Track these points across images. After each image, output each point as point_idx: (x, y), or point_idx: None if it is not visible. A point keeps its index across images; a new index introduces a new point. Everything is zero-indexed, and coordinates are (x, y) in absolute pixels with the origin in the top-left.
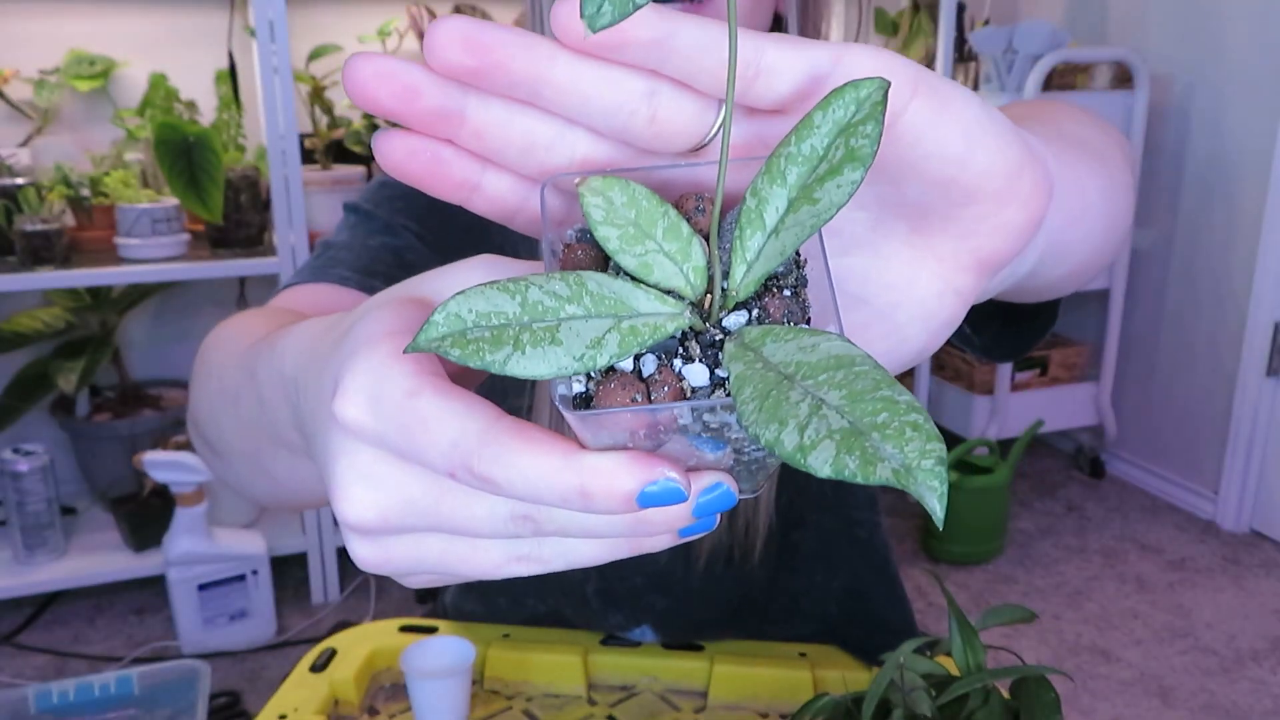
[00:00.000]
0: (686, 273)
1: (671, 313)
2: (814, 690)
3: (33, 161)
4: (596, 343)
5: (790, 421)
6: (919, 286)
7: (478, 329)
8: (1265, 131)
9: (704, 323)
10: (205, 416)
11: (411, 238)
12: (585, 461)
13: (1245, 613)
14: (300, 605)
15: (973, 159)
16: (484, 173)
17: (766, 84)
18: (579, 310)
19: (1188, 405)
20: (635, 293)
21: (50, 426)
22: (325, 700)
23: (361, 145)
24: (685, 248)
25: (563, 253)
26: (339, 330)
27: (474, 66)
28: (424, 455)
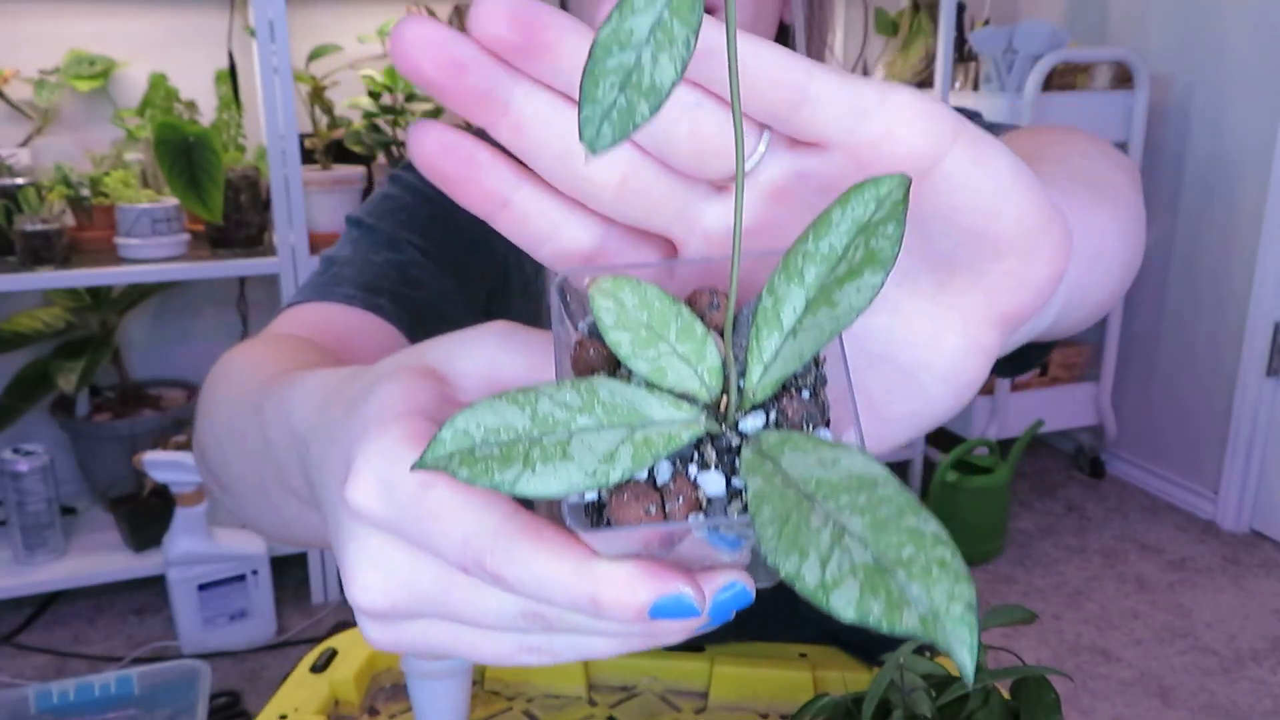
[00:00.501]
0: (701, 374)
1: (686, 419)
2: (814, 691)
3: (33, 161)
4: (609, 457)
5: (811, 552)
6: (945, 344)
7: (486, 445)
8: (1265, 131)
9: (720, 425)
10: (213, 453)
11: (415, 252)
12: (598, 571)
13: (1245, 613)
14: (300, 605)
15: (1004, 211)
16: (517, 189)
17: (810, 113)
18: (591, 421)
19: (1188, 405)
20: (649, 400)
21: (50, 426)
22: (326, 700)
23: (361, 145)
24: (699, 349)
25: (574, 350)
26: (348, 395)
27: (519, 43)
28: (436, 547)
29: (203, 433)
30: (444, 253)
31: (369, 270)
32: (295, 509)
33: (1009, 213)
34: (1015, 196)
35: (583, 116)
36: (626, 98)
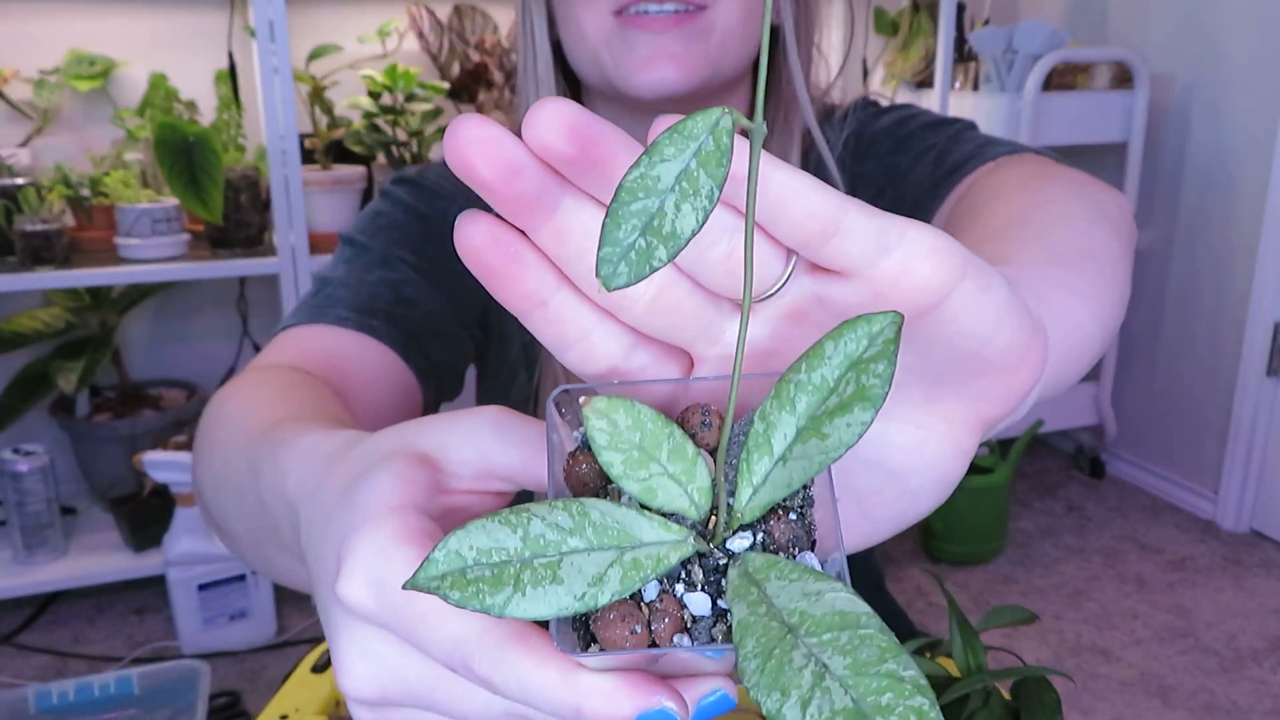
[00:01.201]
0: (691, 494)
1: (675, 540)
2: None
3: (33, 161)
4: (598, 579)
5: (793, 692)
6: (929, 449)
7: (478, 567)
8: (1265, 131)
9: (708, 544)
10: (211, 500)
11: (409, 270)
12: (582, 682)
13: (1245, 613)
14: (300, 605)
15: (998, 337)
16: (556, 292)
17: (839, 244)
18: (581, 543)
19: (1188, 405)
20: (639, 521)
21: (50, 426)
22: (326, 700)
23: (361, 145)
24: (690, 469)
25: (568, 461)
26: (341, 473)
27: (573, 156)
28: (426, 647)
29: (200, 477)
30: (437, 270)
31: (362, 290)
32: (289, 563)
33: (1002, 338)
34: (1009, 323)
35: (601, 255)
36: (646, 241)
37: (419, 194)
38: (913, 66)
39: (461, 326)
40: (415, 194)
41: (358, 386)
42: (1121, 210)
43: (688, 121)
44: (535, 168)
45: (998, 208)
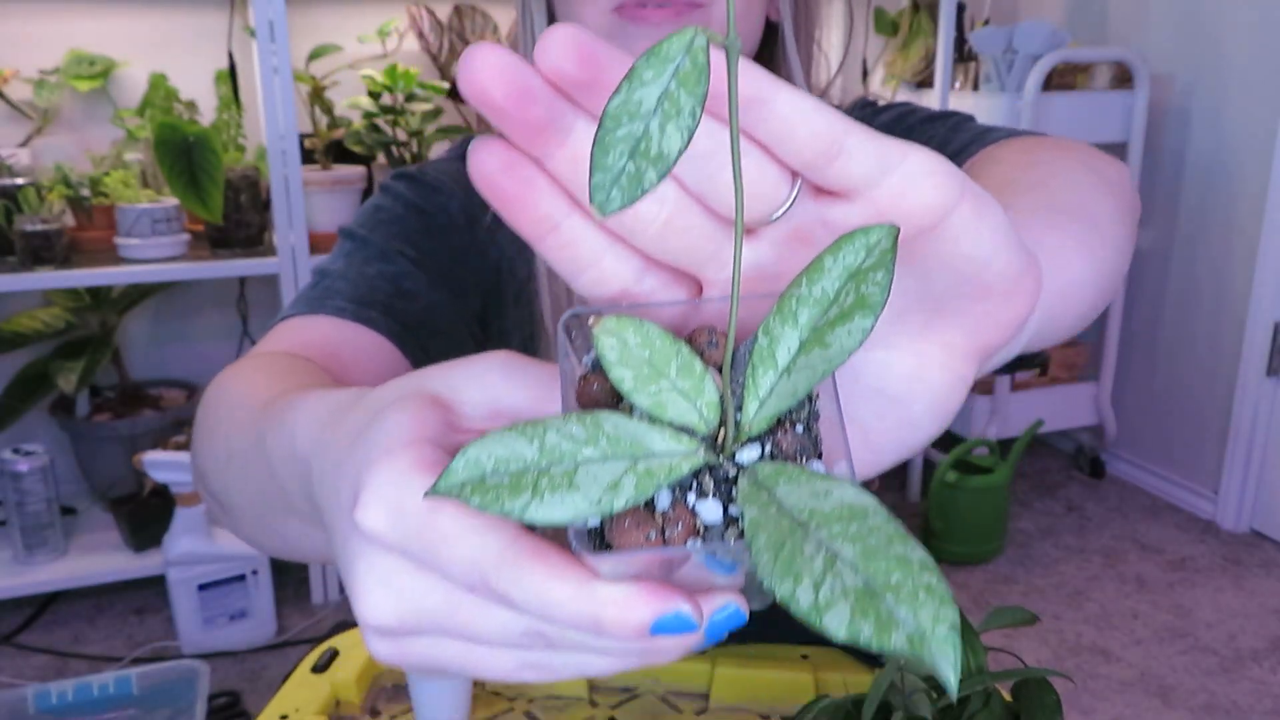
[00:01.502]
0: (700, 408)
1: (686, 452)
2: (815, 693)
3: (33, 161)
4: (613, 486)
5: (805, 578)
6: (929, 376)
7: (497, 474)
8: (1265, 131)
9: (717, 457)
10: (214, 479)
11: (407, 263)
12: (599, 592)
13: (1245, 613)
14: (300, 605)
15: (994, 261)
16: (568, 216)
17: (843, 165)
18: (595, 453)
19: (1188, 405)
20: (650, 433)
21: (50, 426)
22: (327, 701)
23: (361, 145)
24: (698, 384)
25: (579, 384)
26: (352, 421)
27: (583, 79)
28: (444, 568)
29: (203, 458)
30: (436, 263)
31: (361, 283)
32: (298, 529)
33: (999, 262)
34: (1005, 248)
35: (593, 183)
36: (635, 165)
37: (419, 189)
38: (913, 66)
39: (461, 322)
40: (415, 189)
41: (354, 376)
42: (1120, 176)
43: (663, 44)
44: (548, 92)
45: (996, 170)
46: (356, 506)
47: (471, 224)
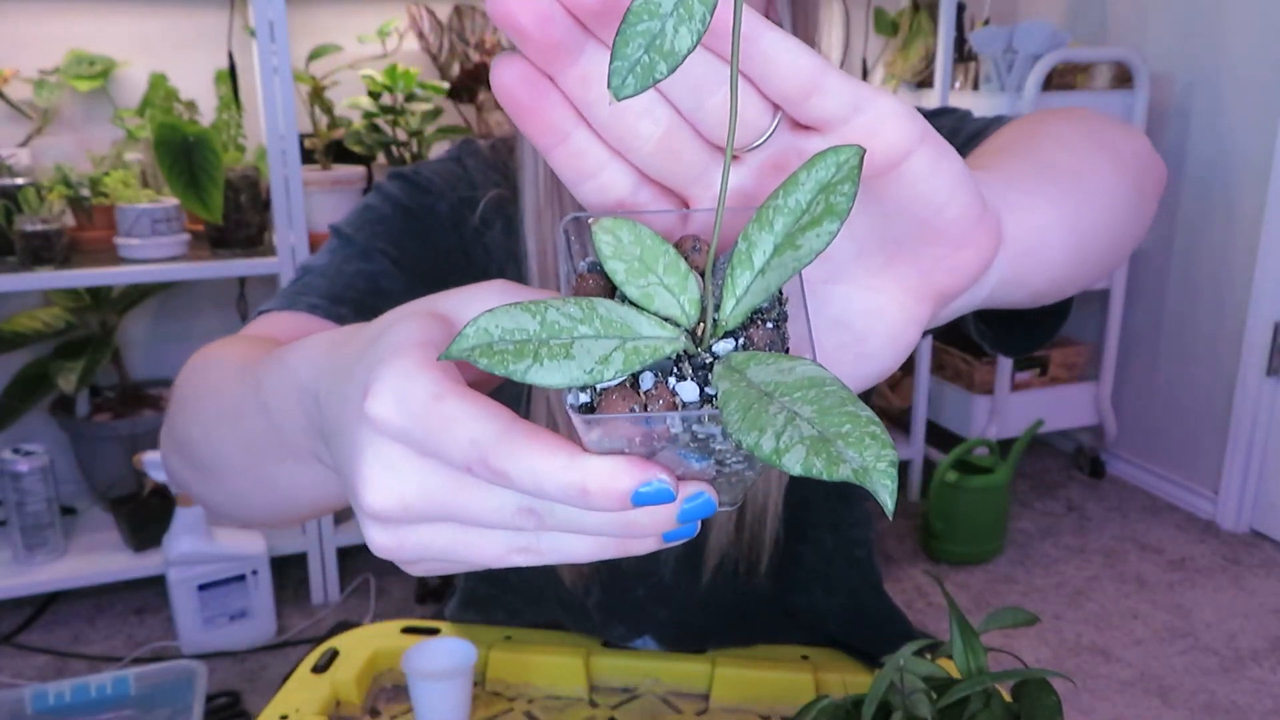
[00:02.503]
0: (683, 304)
1: (669, 337)
2: (815, 693)
3: (33, 161)
4: (604, 359)
5: (769, 430)
6: (887, 313)
7: (503, 342)
8: (1265, 131)
9: (696, 347)
10: (199, 437)
11: (388, 263)
12: (588, 463)
13: (1245, 613)
14: (300, 605)
15: (948, 208)
16: (576, 127)
17: (819, 101)
18: (590, 330)
19: (1188, 405)
20: (639, 319)
21: (50, 426)
22: (327, 701)
23: (361, 145)
24: (682, 282)
25: (576, 281)
26: (359, 341)
27: (597, 8)
28: (445, 451)
29: (186, 424)
30: (418, 263)
31: (339, 281)
32: (290, 470)
33: (952, 209)
34: (960, 197)
35: (613, 68)
36: (649, 57)
37: (409, 189)
38: (913, 66)
39: None
40: (406, 189)
41: None
42: (1132, 142)
43: None
44: (565, 17)
45: (999, 137)
46: (367, 397)
47: (459, 225)
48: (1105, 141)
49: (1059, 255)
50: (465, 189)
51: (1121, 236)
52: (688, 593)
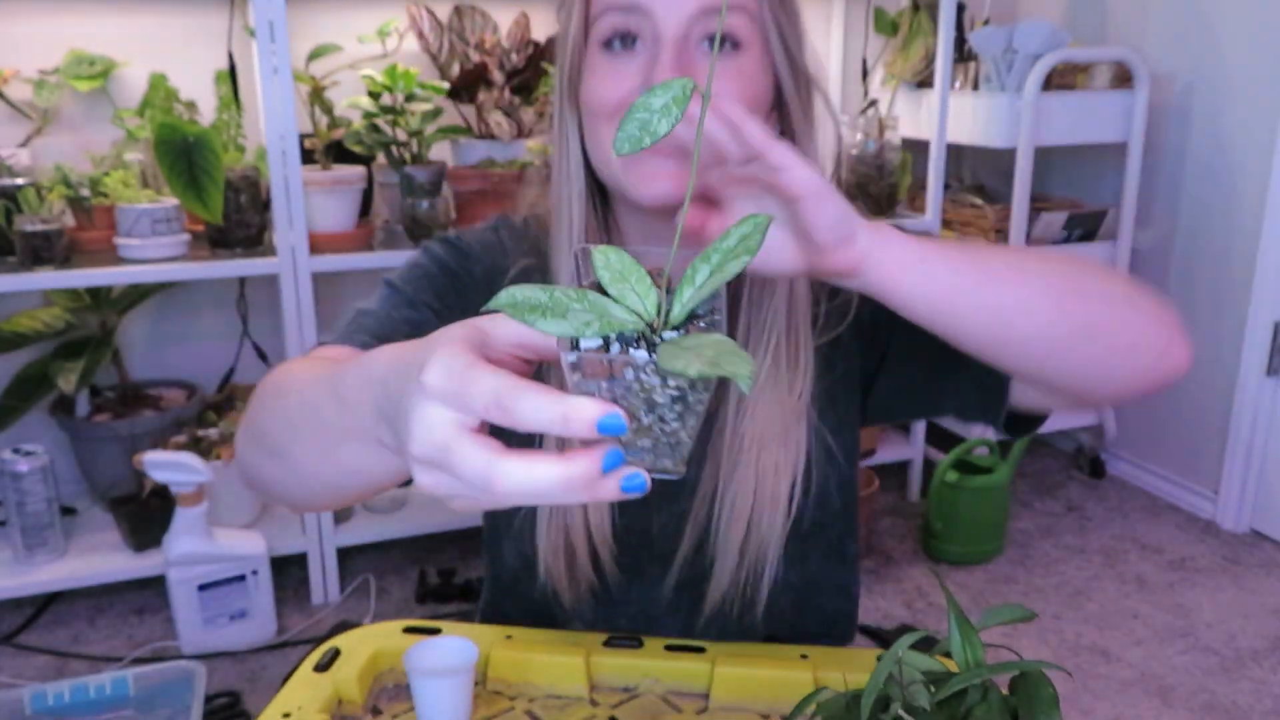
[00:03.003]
0: (645, 304)
1: (632, 320)
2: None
3: (33, 161)
4: (587, 324)
5: (682, 357)
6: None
7: (523, 304)
8: (1265, 131)
9: (651, 332)
10: (280, 427)
11: (430, 314)
12: (569, 399)
13: (1245, 612)
14: (300, 605)
15: (822, 229)
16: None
17: (766, 158)
18: (580, 306)
19: (1188, 405)
20: (615, 307)
21: (50, 426)
22: (329, 700)
23: (361, 145)
24: (647, 291)
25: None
26: (419, 345)
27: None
28: (472, 401)
29: (267, 418)
30: (455, 317)
31: (387, 324)
32: (352, 451)
33: (824, 231)
34: (831, 226)
35: (618, 137)
36: (640, 134)
37: (452, 252)
38: (913, 66)
39: None
40: (449, 252)
41: None
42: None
43: (672, 82)
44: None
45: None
46: (423, 371)
47: (491, 287)
48: (1072, 269)
49: (943, 294)
50: (499, 256)
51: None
52: (683, 629)
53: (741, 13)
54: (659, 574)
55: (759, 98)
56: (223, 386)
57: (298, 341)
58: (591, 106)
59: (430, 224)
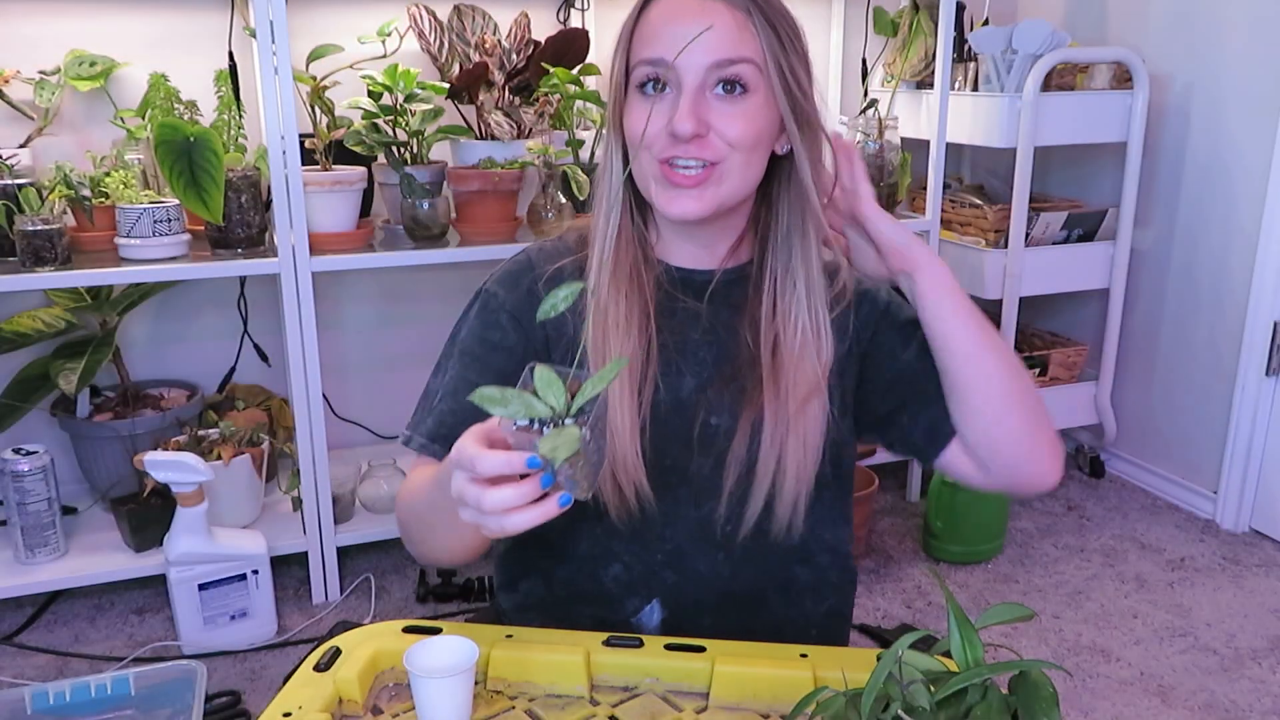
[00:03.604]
0: (559, 402)
1: (546, 412)
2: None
3: (33, 162)
4: (519, 411)
5: (549, 441)
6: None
7: (485, 396)
8: (1265, 131)
9: (559, 419)
10: (416, 524)
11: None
12: (511, 455)
13: (1245, 612)
14: (300, 605)
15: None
16: None
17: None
18: (517, 402)
19: (1187, 405)
20: (536, 403)
21: (50, 426)
22: (329, 699)
23: (361, 145)
24: (561, 395)
25: (525, 389)
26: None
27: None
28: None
29: (408, 518)
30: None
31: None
32: (447, 520)
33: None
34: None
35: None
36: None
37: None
38: (912, 67)
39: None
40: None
41: None
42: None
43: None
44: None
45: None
46: (453, 454)
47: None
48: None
49: (995, 376)
50: (527, 279)
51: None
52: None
53: (749, 64)
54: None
55: (764, 132)
56: (223, 386)
57: (298, 341)
58: (631, 136)
59: (430, 224)
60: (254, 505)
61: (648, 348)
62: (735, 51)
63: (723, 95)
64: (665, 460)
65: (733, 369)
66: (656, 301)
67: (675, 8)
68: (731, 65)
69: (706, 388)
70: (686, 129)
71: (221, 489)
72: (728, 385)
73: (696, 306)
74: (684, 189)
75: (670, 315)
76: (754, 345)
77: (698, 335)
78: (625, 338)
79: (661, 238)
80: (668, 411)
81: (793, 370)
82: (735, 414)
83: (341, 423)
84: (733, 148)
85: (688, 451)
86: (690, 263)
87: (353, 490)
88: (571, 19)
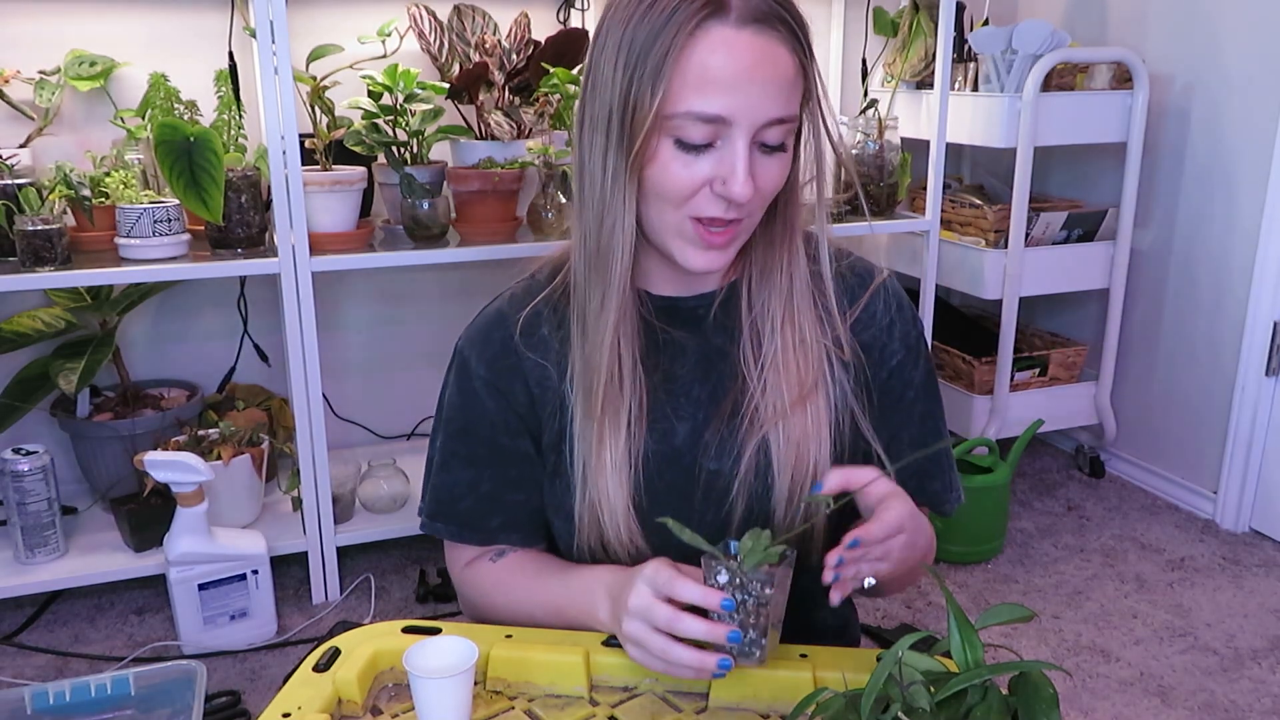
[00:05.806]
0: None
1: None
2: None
3: (33, 162)
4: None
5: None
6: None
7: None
8: (1265, 131)
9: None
10: (510, 613)
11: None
12: (710, 591)
13: (1245, 612)
14: (300, 605)
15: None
16: None
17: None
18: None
19: (1187, 405)
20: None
21: (50, 426)
22: (329, 699)
23: (361, 145)
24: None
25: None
26: (624, 580)
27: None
28: (660, 586)
29: (499, 611)
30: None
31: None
32: (574, 615)
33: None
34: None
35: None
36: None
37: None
38: (912, 67)
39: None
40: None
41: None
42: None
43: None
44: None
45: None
46: (643, 569)
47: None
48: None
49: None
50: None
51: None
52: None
53: (795, 120)
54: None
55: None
56: (223, 386)
57: (298, 341)
58: (661, 190)
59: (430, 224)
60: (254, 505)
61: (640, 398)
62: (788, 109)
63: (765, 150)
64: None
65: (730, 401)
66: (642, 339)
67: (733, 53)
68: (782, 124)
69: (703, 431)
70: (746, 194)
71: (221, 489)
72: (726, 423)
73: (683, 337)
74: (715, 246)
75: (655, 351)
76: (745, 364)
77: (686, 371)
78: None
79: (638, 264)
80: (661, 465)
81: (794, 372)
82: (738, 451)
83: (341, 423)
84: (764, 197)
85: (688, 503)
86: (672, 289)
87: (353, 490)
88: (571, 19)
